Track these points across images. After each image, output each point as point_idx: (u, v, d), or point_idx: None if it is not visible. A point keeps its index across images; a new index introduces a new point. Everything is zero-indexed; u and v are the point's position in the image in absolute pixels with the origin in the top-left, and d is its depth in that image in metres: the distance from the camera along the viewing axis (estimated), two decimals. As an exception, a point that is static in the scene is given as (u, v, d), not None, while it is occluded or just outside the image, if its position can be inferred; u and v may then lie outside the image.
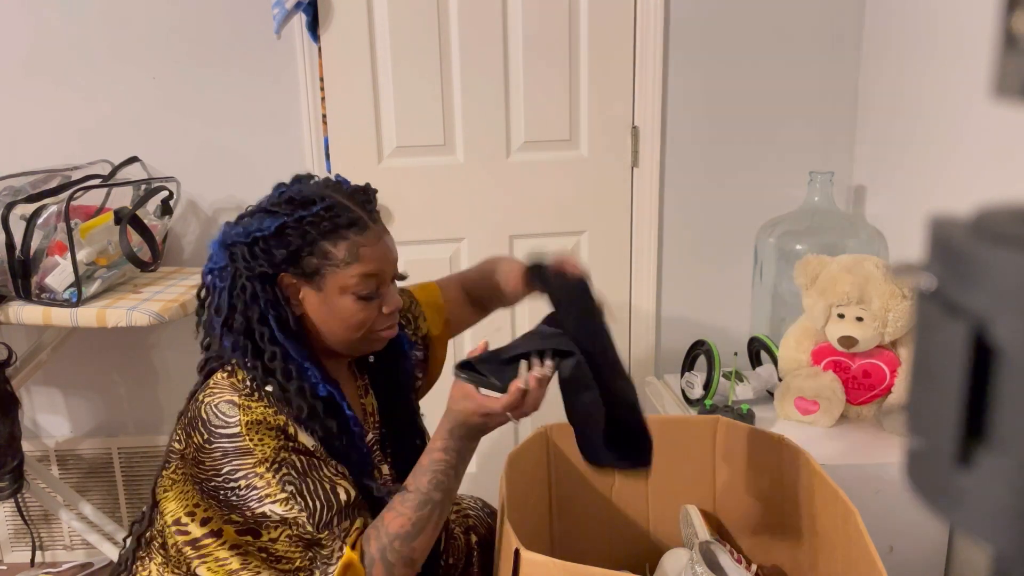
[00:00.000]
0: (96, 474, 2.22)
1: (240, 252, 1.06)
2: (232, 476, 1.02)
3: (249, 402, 1.05)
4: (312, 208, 1.06)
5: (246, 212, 1.11)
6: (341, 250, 1.07)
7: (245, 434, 1.02)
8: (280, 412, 1.05)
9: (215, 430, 1.03)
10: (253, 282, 1.06)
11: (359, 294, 1.08)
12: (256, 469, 1.02)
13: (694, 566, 1.14)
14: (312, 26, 1.91)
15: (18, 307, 1.70)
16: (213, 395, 1.06)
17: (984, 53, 1.59)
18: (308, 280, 1.08)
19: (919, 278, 0.30)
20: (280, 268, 1.07)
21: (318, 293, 1.08)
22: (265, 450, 1.02)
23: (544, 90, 2.00)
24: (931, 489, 0.30)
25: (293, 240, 1.05)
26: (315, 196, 1.08)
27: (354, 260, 1.07)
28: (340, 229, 1.07)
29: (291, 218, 1.06)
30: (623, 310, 2.16)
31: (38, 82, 1.97)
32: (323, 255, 1.07)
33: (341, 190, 1.11)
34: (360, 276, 1.08)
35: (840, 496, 1.15)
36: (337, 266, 1.07)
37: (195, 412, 1.07)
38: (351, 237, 1.07)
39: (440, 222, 2.05)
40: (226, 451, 1.02)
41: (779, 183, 2.11)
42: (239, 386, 1.06)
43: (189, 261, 2.09)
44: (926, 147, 1.78)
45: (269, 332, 1.06)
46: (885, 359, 1.62)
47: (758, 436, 1.36)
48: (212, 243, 1.10)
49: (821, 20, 2.03)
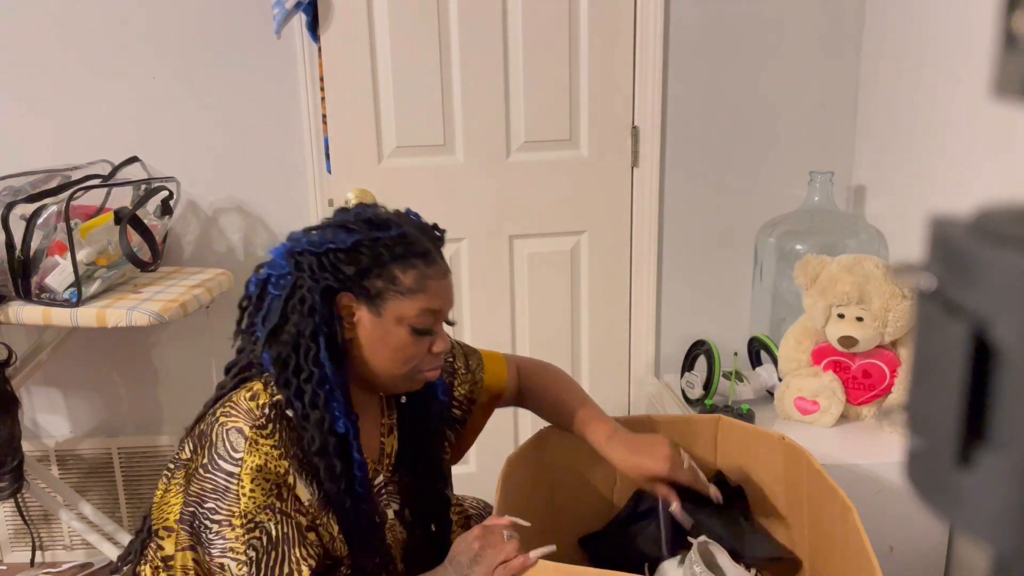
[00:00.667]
0: (96, 474, 2.22)
1: (308, 262, 1.05)
2: (210, 514, 1.01)
3: (258, 437, 1.02)
4: (388, 231, 1.06)
5: (317, 225, 1.10)
6: (409, 278, 1.06)
7: (241, 479, 1.01)
8: (286, 455, 1.03)
9: (217, 459, 1.02)
10: (314, 294, 1.04)
11: (416, 327, 1.08)
12: (233, 519, 1.00)
13: (692, 566, 1.15)
14: (312, 26, 1.91)
15: (18, 307, 1.70)
16: (228, 417, 1.04)
17: (984, 53, 1.59)
18: (368, 302, 1.07)
19: (919, 278, 0.30)
20: (345, 285, 1.05)
21: (375, 317, 1.07)
22: (250, 504, 1.00)
23: (544, 90, 2.00)
24: (931, 489, 0.30)
25: (365, 259, 1.05)
26: (392, 222, 1.08)
27: (420, 290, 1.07)
28: (411, 257, 1.07)
29: (367, 236, 1.05)
30: (623, 310, 2.16)
31: (38, 82, 1.97)
32: (390, 279, 1.06)
33: (413, 222, 1.11)
34: (421, 309, 1.07)
35: (839, 494, 1.15)
36: (402, 293, 1.06)
37: (208, 429, 1.05)
38: (420, 267, 1.07)
39: (440, 222, 2.05)
40: (217, 487, 1.01)
41: (779, 183, 2.11)
42: (256, 414, 1.04)
43: (189, 261, 2.09)
44: (926, 147, 1.78)
45: (315, 350, 1.04)
46: (885, 359, 1.62)
47: (759, 436, 1.36)
48: (275, 250, 1.09)
49: (821, 20, 2.03)
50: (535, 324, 2.14)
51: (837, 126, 2.09)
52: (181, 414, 2.20)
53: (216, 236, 2.08)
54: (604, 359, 2.19)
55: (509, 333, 2.13)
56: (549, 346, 2.16)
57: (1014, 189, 1.50)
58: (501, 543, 1.05)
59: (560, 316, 2.15)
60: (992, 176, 1.57)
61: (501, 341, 2.13)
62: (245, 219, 2.08)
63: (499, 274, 2.10)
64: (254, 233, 2.09)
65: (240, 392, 1.07)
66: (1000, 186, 1.55)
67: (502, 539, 1.06)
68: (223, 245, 2.09)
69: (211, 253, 2.09)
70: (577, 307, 2.15)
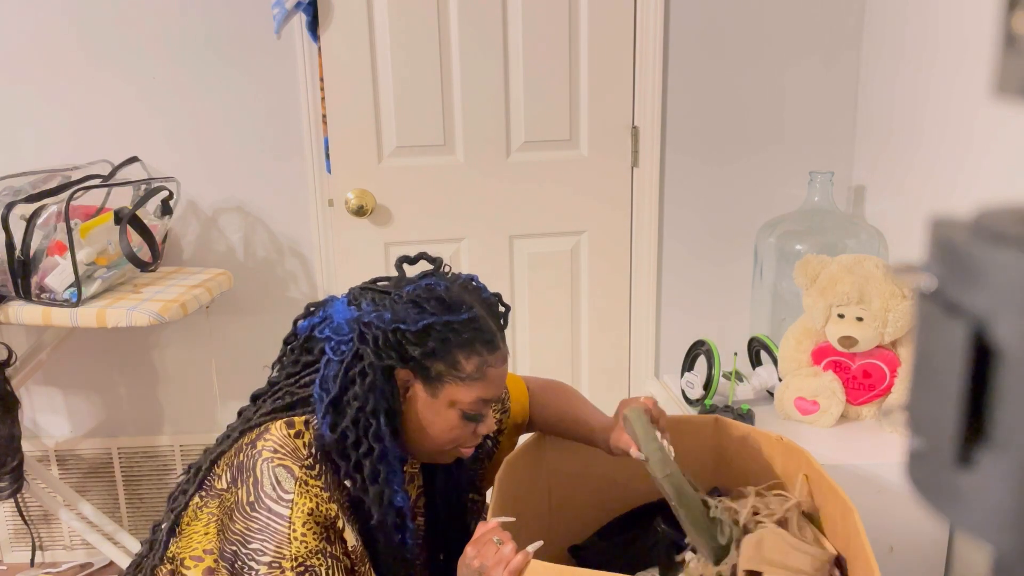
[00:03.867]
0: (96, 474, 2.22)
1: (373, 335, 1.02)
2: (256, 555, 0.98)
3: (308, 477, 1.00)
4: (459, 315, 1.04)
5: (385, 289, 1.08)
6: (471, 365, 1.05)
7: (293, 522, 0.98)
8: (333, 499, 1.01)
9: (264, 498, 0.99)
10: (376, 371, 1.02)
11: (467, 413, 1.07)
12: (284, 563, 0.97)
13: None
14: (312, 26, 1.91)
15: (18, 307, 1.70)
16: (275, 453, 1.01)
17: (984, 53, 1.59)
18: (426, 382, 1.05)
19: (919, 278, 0.30)
20: (408, 364, 1.04)
21: (429, 398, 1.06)
22: (302, 548, 0.97)
23: (544, 90, 2.00)
24: (931, 489, 0.30)
25: (432, 344, 1.03)
26: (463, 303, 1.06)
27: (480, 378, 1.06)
28: (477, 344, 1.05)
29: (439, 320, 1.03)
30: (623, 310, 2.16)
31: (38, 82, 1.97)
32: (452, 364, 1.04)
33: (480, 298, 1.10)
34: (477, 397, 1.07)
35: (839, 495, 1.15)
36: (461, 379, 1.05)
37: (249, 461, 1.01)
38: (484, 355, 1.06)
39: (440, 222, 2.05)
40: (264, 527, 0.98)
41: (779, 183, 2.12)
42: (303, 453, 1.01)
43: (189, 261, 2.10)
44: (926, 147, 1.78)
45: (376, 426, 1.02)
46: (885, 359, 1.62)
47: (758, 436, 1.36)
48: (337, 309, 1.06)
49: (821, 21, 2.03)
50: (535, 324, 2.14)
51: (837, 126, 2.09)
52: (181, 414, 2.20)
53: (216, 236, 2.08)
54: (604, 359, 2.19)
55: (509, 333, 2.13)
56: (549, 346, 2.16)
57: (1014, 189, 1.50)
58: (496, 550, 1.05)
59: (560, 316, 2.15)
60: (992, 176, 1.57)
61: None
62: (245, 219, 2.08)
63: (499, 274, 2.10)
64: (254, 233, 2.09)
65: (279, 424, 1.04)
66: (1000, 186, 1.55)
67: (496, 546, 1.06)
68: (223, 245, 2.09)
69: (211, 253, 2.09)
70: (577, 307, 2.15)
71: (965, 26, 1.64)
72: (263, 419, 1.06)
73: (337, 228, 2.02)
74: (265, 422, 1.05)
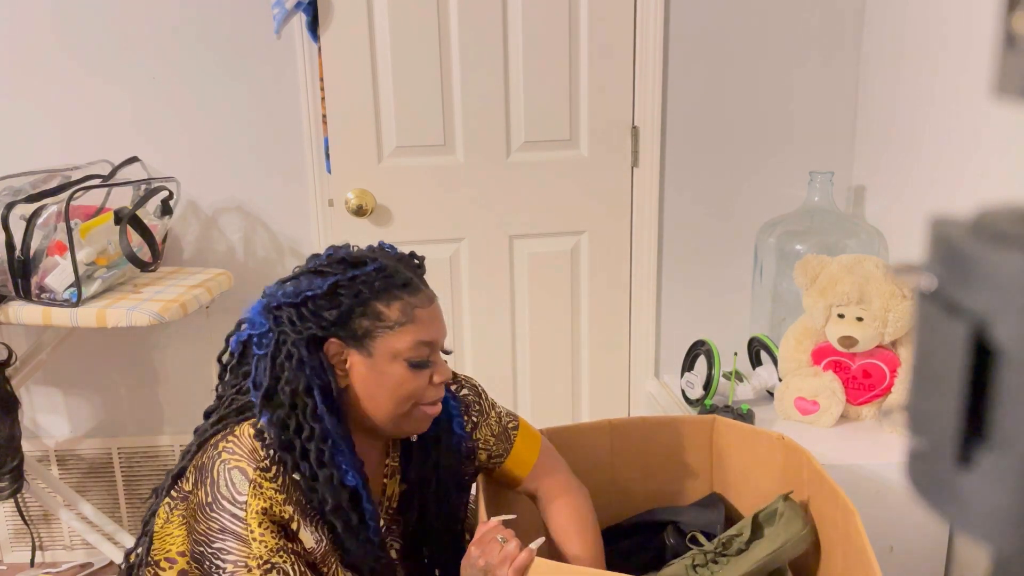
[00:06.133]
0: (96, 474, 2.22)
1: (287, 314, 1.01)
2: (221, 554, 0.98)
3: (263, 479, 1.00)
4: (365, 268, 1.03)
5: (290, 276, 1.07)
6: (394, 311, 1.03)
7: (249, 523, 0.98)
8: (289, 501, 1.01)
9: (221, 499, 0.99)
10: (300, 347, 1.00)
11: (411, 360, 1.04)
12: (249, 561, 0.97)
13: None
14: (312, 26, 1.91)
15: (18, 307, 1.70)
16: (232, 455, 1.01)
17: (984, 53, 1.59)
18: (358, 344, 1.03)
19: (919, 278, 0.30)
20: (330, 331, 1.02)
21: (367, 359, 1.04)
22: (262, 548, 0.97)
23: (544, 90, 2.00)
24: (931, 489, 0.30)
25: (345, 300, 1.01)
26: (367, 258, 1.05)
27: (408, 321, 1.04)
28: (393, 289, 1.03)
29: (344, 277, 1.02)
30: (623, 310, 2.16)
31: (38, 82, 1.97)
32: (375, 316, 1.03)
33: (388, 254, 1.08)
34: (414, 341, 1.04)
35: (840, 495, 1.15)
36: (391, 328, 1.03)
37: (209, 462, 1.02)
38: (404, 298, 1.04)
39: (440, 222, 2.05)
40: (224, 528, 0.98)
41: (779, 183, 2.12)
42: (259, 455, 1.01)
43: (189, 261, 2.09)
44: (926, 147, 1.78)
45: (312, 405, 1.01)
46: (885, 359, 1.62)
47: (758, 436, 1.36)
48: (251, 309, 1.05)
49: (821, 21, 2.03)
50: (535, 324, 2.14)
51: (837, 126, 2.09)
52: (181, 414, 2.20)
53: (216, 236, 2.08)
54: (604, 359, 2.19)
55: (509, 333, 2.13)
56: (549, 346, 2.16)
57: (1014, 189, 1.50)
58: (500, 548, 1.05)
59: (560, 316, 2.15)
60: (992, 176, 1.57)
61: (501, 341, 2.13)
62: (245, 219, 2.08)
63: (499, 274, 2.10)
64: (254, 233, 2.09)
65: (244, 426, 1.04)
66: (1000, 186, 1.55)
67: (500, 544, 1.05)
68: (223, 245, 2.09)
69: (211, 253, 2.09)
70: (577, 307, 2.15)
71: (965, 26, 1.64)
72: (215, 428, 1.07)
73: (337, 228, 2.02)
74: (219, 430, 1.06)
